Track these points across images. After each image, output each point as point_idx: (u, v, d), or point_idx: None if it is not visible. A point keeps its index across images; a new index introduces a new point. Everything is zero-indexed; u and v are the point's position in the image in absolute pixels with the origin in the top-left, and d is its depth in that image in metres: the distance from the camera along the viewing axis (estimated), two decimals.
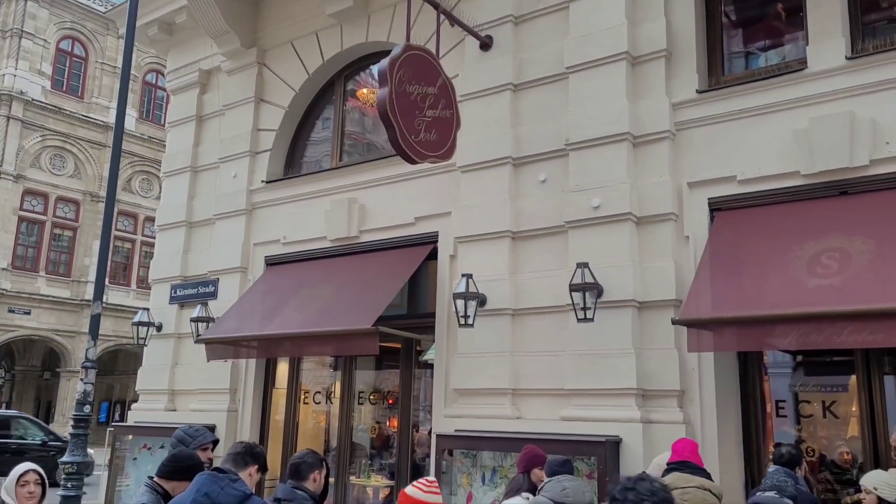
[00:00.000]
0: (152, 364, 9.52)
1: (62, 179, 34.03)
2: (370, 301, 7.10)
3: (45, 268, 33.12)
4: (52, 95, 34.12)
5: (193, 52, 10.36)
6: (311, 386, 8.87)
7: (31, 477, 3.87)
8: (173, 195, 10.14)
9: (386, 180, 8.02)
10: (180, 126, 10.38)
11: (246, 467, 3.68)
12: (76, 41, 35.90)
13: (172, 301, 9.45)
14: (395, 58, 6.19)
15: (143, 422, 9.08)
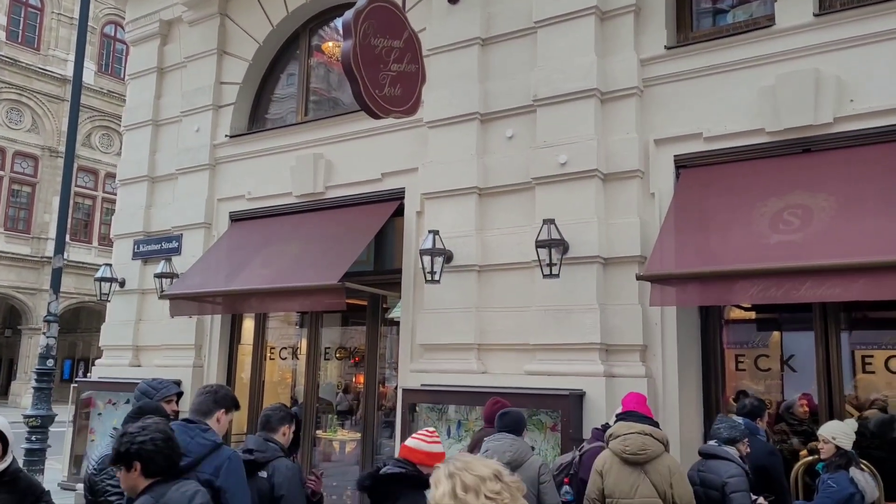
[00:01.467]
0: (116, 320, 9.39)
1: (19, 134, 33.01)
2: (337, 257, 7.05)
3: (3, 224, 32.33)
4: (7, 47, 32.87)
5: (153, 1, 10.01)
6: (278, 342, 8.84)
7: None
8: (135, 149, 9.90)
9: (352, 136, 7.91)
10: (140, 78, 10.09)
11: (213, 414, 3.63)
12: None
13: (136, 257, 9.30)
14: (360, 9, 6.05)
15: (108, 377, 8.99)
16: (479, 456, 2.26)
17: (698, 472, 4.37)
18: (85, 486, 3.70)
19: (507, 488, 1.99)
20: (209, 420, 3.58)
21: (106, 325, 9.57)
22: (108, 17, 35.31)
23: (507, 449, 4.26)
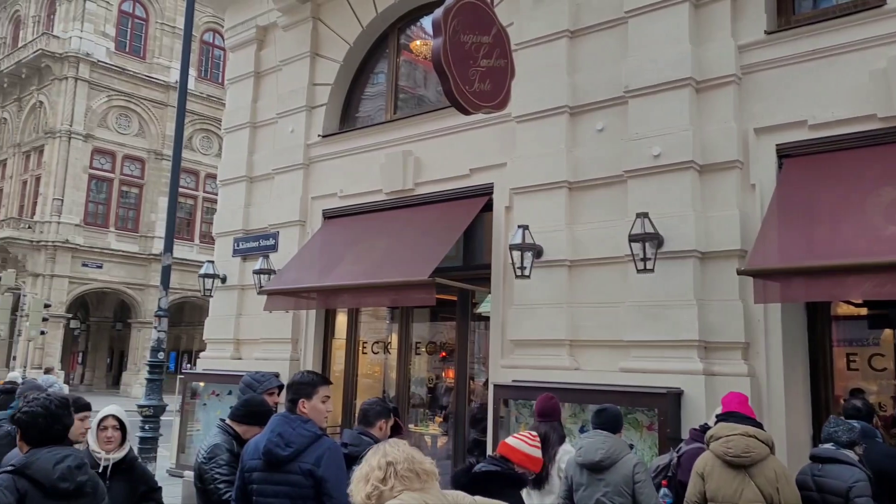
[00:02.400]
0: (218, 314, 9.81)
1: (128, 138, 34.98)
2: (426, 253, 7.12)
3: (114, 223, 34.34)
4: (117, 56, 34.88)
5: (250, 8, 10.39)
6: (369, 337, 9.02)
7: (109, 422, 4.02)
8: (234, 151, 10.30)
9: (441, 132, 7.97)
10: (239, 83, 10.48)
11: (296, 403, 3.64)
12: (137, 2, 36.45)
13: (235, 254, 9.68)
14: (450, 7, 6.07)
15: (211, 369, 9.42)
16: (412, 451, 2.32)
17: (813, 477, 4.13)
18: (195, 474, 3.88)
19: (395, 475, 2.08)
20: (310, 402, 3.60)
21: (209, 319, 10.02)
22: (207, 25, 36.89)
23: (600, 446, 4.20)
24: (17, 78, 35.41)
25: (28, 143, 34.88)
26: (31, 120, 35.05)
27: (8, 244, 31.23)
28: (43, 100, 34.01)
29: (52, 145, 32.69)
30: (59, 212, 31.93)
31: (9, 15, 39.57)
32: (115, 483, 3.88)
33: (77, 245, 32.01)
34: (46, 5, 36.60)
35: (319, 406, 3.45)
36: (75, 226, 32.28)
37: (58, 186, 32.16)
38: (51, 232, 31.57)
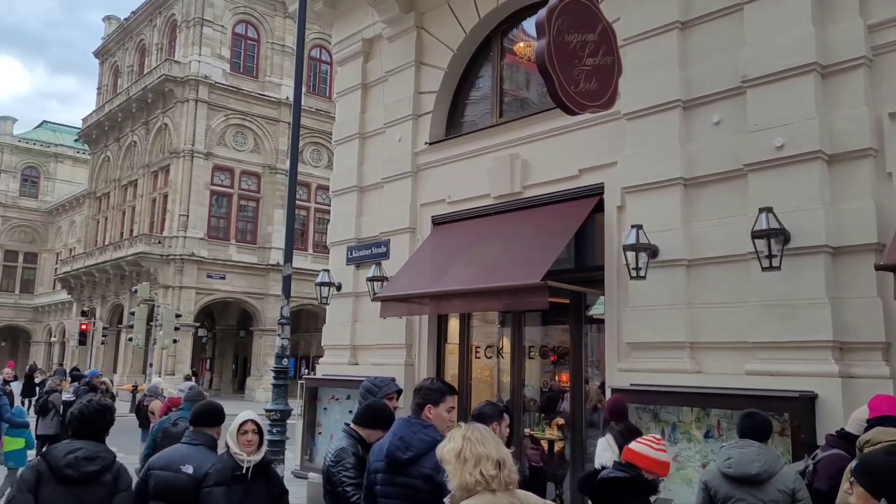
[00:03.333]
0: (334, 321, 10.13)
1: (244, 155, 36.81)
2: (538, 256, 7.07)
3: (234, 236, 36.21)
4: (232, 77, 36.80)
5: (356, 22, 10.69)
6: (481, 341, 9.05)
7: (249, 426, 4.23)
8: (344, 162, 10.62)
9: (547, 134, 7.89)
10: (347, 95, 10.80)
11: (423, 408, 3.72)
12: (249, 24, 38.31)
13: (349, 262, 9.96)
14: (553, 7, 6.01)
15: (330, 375, 9.74)
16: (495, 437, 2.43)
17: None
18: (324, 477, 4.02)
19: (500, 479, 2.17)
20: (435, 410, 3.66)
21: (326, 326, 10.36)
22: (313, 42, 38.27)
23: (755, 458, 3.96)
24: (143, 103, 37.99)
25: (155, 164, 37.33)
26: (158, 141, 37.49)
27: (141, 258, 33.51)
28: (167, 122, 36.31)
29: (176, 164, 34.84)
30: (185, 227, 33.96)
31: (135, 44, 42.54)
32: (255, 484, 4.10)
33: (202, 258, 33.95)
34: (168, 33, 39.08)
35: (444, 414, 3.50)
36: (200, 239, 34.25)
37: (183, 203, 34.22)
38: (178, 246, 33.62)
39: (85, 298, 41.37)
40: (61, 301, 50.33)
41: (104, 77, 46.27)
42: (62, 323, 50.81)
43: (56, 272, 50.86)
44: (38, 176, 60.89)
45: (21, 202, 59.06)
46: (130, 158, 40.38)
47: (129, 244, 35.83)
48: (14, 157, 59.54)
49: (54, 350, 52.59)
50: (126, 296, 36.41)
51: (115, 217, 41.40)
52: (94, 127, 43.52)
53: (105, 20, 48.01)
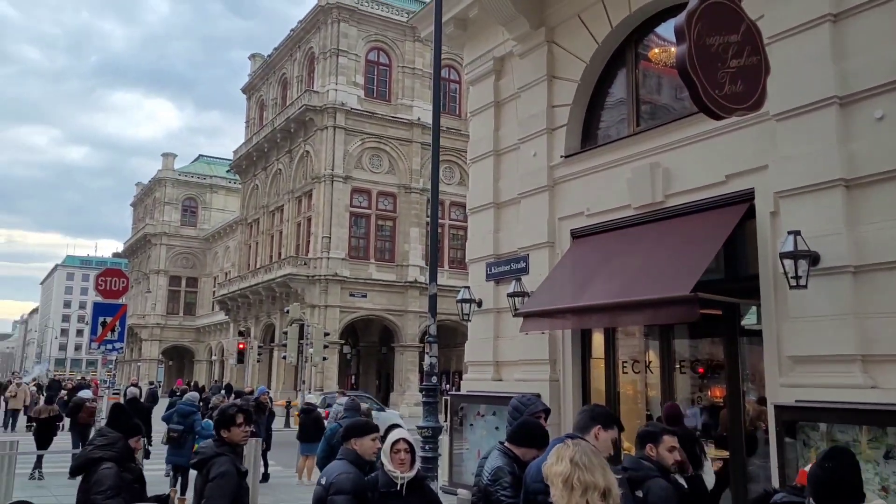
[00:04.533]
0: (477, 337, 10.25)
1: (380, 176, 38.16)
2: (685, 266, 6.84)
3: (373, 255, 37.55)
4: (366, 102, 38.35)
5: (486, 42, 10.85)
6: (628, 355, 8.85)
7: (401, 445, 4.38)
8: (480, 179, 10.76)
9: (690, 140, 7.64)
10: (481, 114, 10.96)
11: (590, 429, 3.76)
12: (381, 51, 39.81)
13: (488, 278, 10.06)
14: (692, 11, 5.83)
15: (475, 391, 9.85)
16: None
17: None
18: (479, 495, 4.08)
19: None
20: (587, 435, 3.70)
21: (468, 342, 10.50)
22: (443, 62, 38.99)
23: None
24: (287, 132, 40.34)
25: (299, 189, 39.47)
26: (301, 168, 39.64)
27: (289, 280, 35.48)
28: (309, 149, 38.34)
29: (318, 189, 36.67)
30: (328, 248, 35.62)
31: (278, 78, 45.30)
32: (412, 499, 4.24)
33: (344, 277, 35.45)
34: (307, 65, 41.34)
35: (608, 441, 3.50)
36: (342, 259, 35.81)
37: (325, 225, 35.94)
38: (322, 266, 35.30)
39: (240, 319, 44.26)
40: (219, 322, 54.13)
41: (251, 111, 49.56)
42: (221, 342, 54.64)
43: (214, 295, 54.85)
44: (196, 206, 66.07)
45: (182, 231, 64.26)
46: (277, 185, 42.93)
47: (278, 266, 38.04)
48: (175, 189, 64.98)
49: (215, 368, 56.57)
50: (277, 315, 38.63)
51: (265, 241, 44.10)
52: (244, 158, 46.68)
53: (250, 58, 51.49)
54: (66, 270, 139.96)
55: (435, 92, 9.56)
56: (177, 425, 12.01)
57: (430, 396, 8.51)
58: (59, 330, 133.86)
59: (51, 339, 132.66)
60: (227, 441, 4.48)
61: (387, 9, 40.07)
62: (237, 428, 4.50)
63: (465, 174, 37.01)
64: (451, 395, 10.48)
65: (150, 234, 64.08)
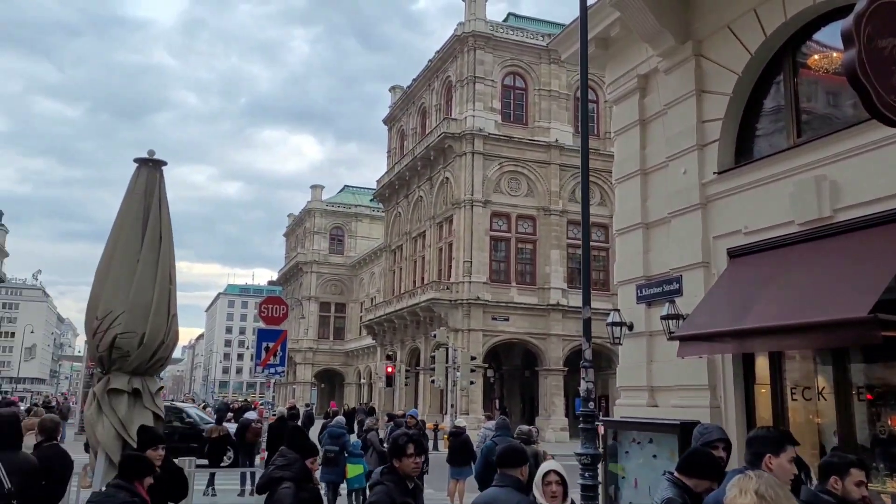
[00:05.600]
0: (629, 362, 10.00)
1: (519, 199, 38.31)
2: (860, 285, 6.35)
3: (514, 279, 37.62)
4: (503, 127, 38.77)
5: (629, 60, 10.69)
6: (796, 381, 8.29)
7: (552, 477, 4.26)
8: (627, 200, 10.56)
9: (860, 150, 7.12)
10: (625, 133, 10.78)
11: (760, 461, 3.57)
12: (517, 75, 40.19)
13: (639, 301, 9.81)
14: (861, 13, 5.46)
15: (629, 417, 9.58)
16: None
17: None
18: None
19: None
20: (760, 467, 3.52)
21: (620, 367, 10.26)
22: (579, 82, 38.92)
23: None
24: (427, 160, 41.50)
25: (440, 215, 40.38)
26: (441, 194, 40.57)
27: (432, 304, 36.25)
28: (448, 175, 39.20)
29: (458, 214, 37.35)
30: (469, 272, 36.09)
31: (417, 108, 46.80)
32: None
33: (486, 301, 35.74)
34: (444, 94, 42.44)
35: (786, 465, 3.29)
36: (483, 283, 36.15)
37: (466, 250, 36.48)
38: (464, 291, 35.80)
39: (387, 343, 45.68)
40: (367, 346, 56.13)
41: (392, 141, 51.47)
42: (369, 365, 56.59)
43: (361, 320, 57.01)
44: (342, 235, 69.26)
45: (330, 259, 67.49)
46: (418, 212, 44.17)
47: (421, 291, 38.98)
48: (323, 219, 68.48)
49: (363, 390, 58.61)
50: (422, 339, 39.52)
51: (408, 267, 45.39)
52: (386, 187, 48.47)
53: (390, 90, 53.59)
54: (227, 298, 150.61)
55: (583, 116, 9.46)
56: (332, 446, 12.78)
57: (588, 422, 8.38)
58: (222, 354, 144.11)
59: (215, 363, 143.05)
60: (397, 470, 4.43)
61: (521, 34, 40.43)
62: (408, 459, 4.41)
63: (604, 194, 36.40)
64: (604, 422, 10.25)
65: (302, 263, 67.71)
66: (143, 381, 5.61)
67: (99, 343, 5.68)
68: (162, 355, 5.79)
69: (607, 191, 35.64)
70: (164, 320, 5.82)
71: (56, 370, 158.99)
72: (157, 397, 5.76)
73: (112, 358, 5.65)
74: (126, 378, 5.56)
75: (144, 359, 5.67)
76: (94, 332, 5.77)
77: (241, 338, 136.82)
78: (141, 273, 5.84)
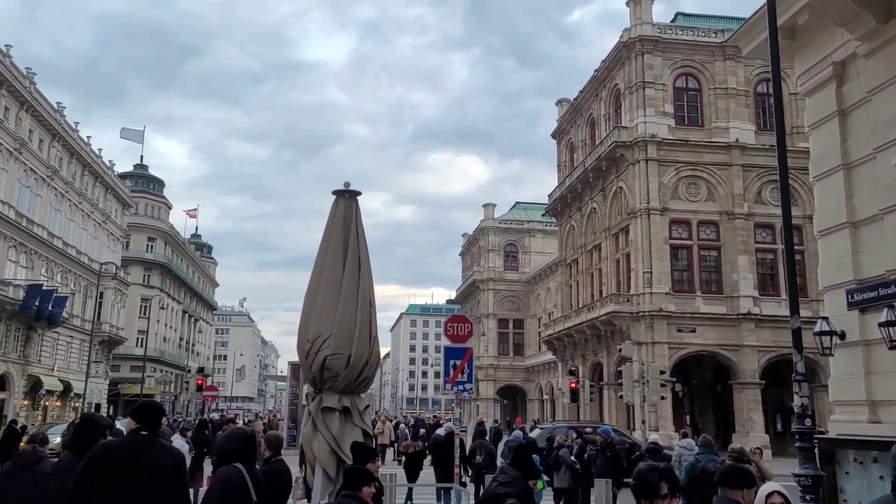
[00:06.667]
0: (841, 374, 9.18)
1: (699, 204, 36.50)
2: None
3: (699, 288, 35.79)
4: (678, 131, 37.24)
5: (821, 47, 9.92)
6: None
7: (776, 499, 4.04)
8: (828, 198, 9.75)
9: None
10: (821, 126, 9.99)
11: None
12: (689, 76, 38.54)
13: (850, 307, 8.99)
14: None
15: (846, 434, 8.75)
16: None
17: None
18: None
19: None
20: None
21: (832, 380, 9.44)
22: (759, 77, 36.79)
23: None
24: (598, 171, 40.78)
25: (615, 226, 39.45)
26: (615, 204, 39.65)
27: (612, 318, 35.38)
28: (622, 185, 38.24)
29: (635, 224, 36.27)
30: (650, 283, 34.85)
31: (585, 119, 46.23)
32: None
33: (670, 312, 34.29)
34: (613, 102, 41.59)
35: None
36: (665, 294, 34.73)
37: (645, 260, 35.29)
38: (645, 302, 34.60)
39: (567, 358, 45.17)
40: (547, 361, 55.86)
41: (561, 154, 51.16)
42: (550, 381, 56.25)
43: (539, 335, 56.88)
44: (516, 251, 69.74)
45: (506, 275, 68.14)
46: (592, 224, 43.44)
47: (601, 305, 38.18)
48: (497, 237, 69.40)
49: (546, 406, 58.29)
50: (604, 354, 38.67)
51: (585, 280, 44.69)
52: (558, 201, 48.19)
53: (557, 104, 53.39)
54: (409, 318, 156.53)
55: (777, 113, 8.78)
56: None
57: (805, 441, 7.77)
58: (407, 372, 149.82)
59: (402, 381, 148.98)
60: None
61: (692, 32, 38.72)
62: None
63: (795, 193, 33.75)
64: (820, 440, 9.44)
65: (478, 280, 68.90)
66: (351, 400, 5.98)
67: (311, 364, 6.12)
68: (366, 375, 6.14)
69: (798, 189, 33.04)
70: (367, 342, 6.17)
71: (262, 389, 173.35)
72: (365, 414, 6.11)
73: (323, 378, 6.07)
74: (336, 397, 5.95)
75: (351, 378, 6.04)
76: (306, 355, 6.24)
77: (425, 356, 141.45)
78: (344, 298, 6.24)
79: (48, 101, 44.51)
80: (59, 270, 46.71)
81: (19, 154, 40.26)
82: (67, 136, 46.86)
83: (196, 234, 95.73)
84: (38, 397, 43.94)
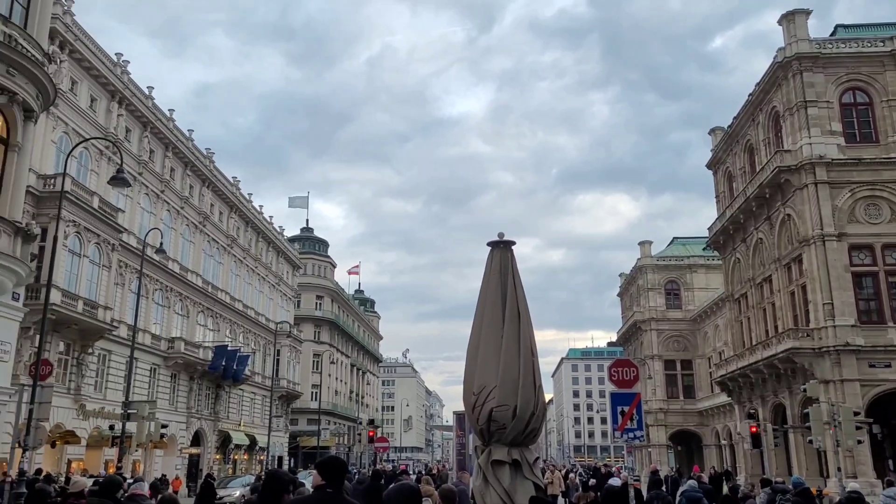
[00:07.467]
0: None
1: (882, 227, 33.43)
2: None
3: (890, 318, 32.47)
4: (848, 149, 34.54)
5: None
6: None
7: None
8: None
9: None
10: None
11: None
12: (856, 90, 35.86)
13: None
14: None
15: None
16: None
17: None
18: None
19: None
20: None
21: None
22: None
23: None
24: (762, 199, 38.50)
25: (786, 256, 36.90)
26: (784, 233, 37.17)
27: (792, 354, 32.83)
28: (790, 212, 35.84)
29: (808, 252, 33.75)
30: (832, 315, 32.11)
31: (742, 146, 44.05)
32: None
33: (859, 346, 31.35)
34: (772, 126, 39.38)
35: None
36: (851, 326, 31.82)
37: (824, 291, 32.63)
38: (828, 337, 31.87)
39: (745, 399, 42.31)
40: (721, 403, 52.59)
41: (719, 185, 48.89)
42: (727, 425, 52.80)
43: (711, 376, 53.77)
44: (678, 288, 66.86)
45: (668, 314, 65.40)
46: (759, 255, 40.94)
47: (777, 341, 35.62)
48: (656, 275, 67.01)
49: (725, 452, 54.68)
50: (785, 394, 35.87)
51: (757, 315, 41.95)
52: (720, 233, 45.91)
53: (710, 133, 51.33)
54: (570, 363, 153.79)
55: None
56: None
57: None
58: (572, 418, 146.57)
59: (567, 428, 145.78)
60: None
61: (856, 44, 36.07)
62: None
63: None
64: None
65: (640, 321, 66.56)
66: (521, 452, 6.02)
67: (478, 416, 6.24)
68: (534, 426, 6.16)
69: None
70: (532, 391, 6.21)
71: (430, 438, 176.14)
72: (535, 467, 6.11)
73: (491, 430, 6.16)
74: (505, 449, 6.01)
75: (519, 430, 6.08)
76: (472, 407, 6.37)
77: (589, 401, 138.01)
78: (506, 348, 6.35)
79: (225, 176, 49.10)
80: (240, 331, 50.65)
81: (203, 227, 44.57)
82: (243, 206, 51.32)
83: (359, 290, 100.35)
84: (227, 451, 47.36)
